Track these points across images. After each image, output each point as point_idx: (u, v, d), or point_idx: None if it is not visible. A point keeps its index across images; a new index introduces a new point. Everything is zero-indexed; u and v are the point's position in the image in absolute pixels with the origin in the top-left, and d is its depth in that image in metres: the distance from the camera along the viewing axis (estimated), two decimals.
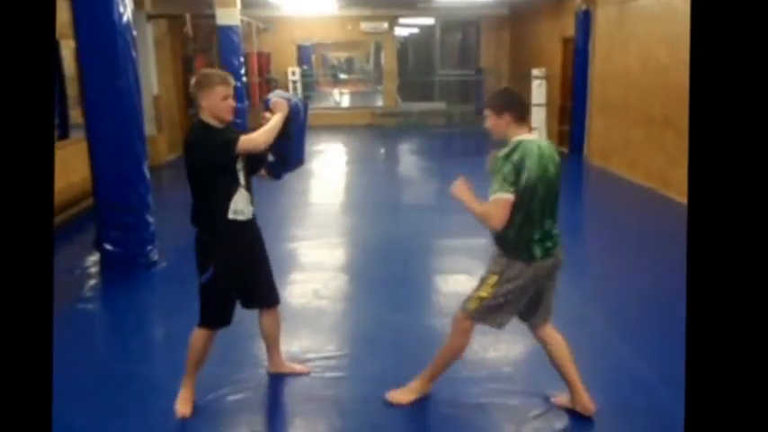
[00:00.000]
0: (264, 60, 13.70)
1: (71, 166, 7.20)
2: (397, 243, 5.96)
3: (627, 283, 4.77)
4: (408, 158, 12.16)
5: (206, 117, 2.85)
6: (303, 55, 16.74)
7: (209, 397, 3.15)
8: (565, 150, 10.73)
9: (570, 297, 4.39)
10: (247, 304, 3.16)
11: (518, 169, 2.62)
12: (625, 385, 3.26)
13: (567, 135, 10.79)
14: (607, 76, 9.42)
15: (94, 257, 5.12)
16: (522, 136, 2.73)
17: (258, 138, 2.82)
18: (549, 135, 11.36)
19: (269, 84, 13.25)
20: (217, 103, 2.81)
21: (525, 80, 11.88)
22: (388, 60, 15.83)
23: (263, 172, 3.09)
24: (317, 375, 3.40)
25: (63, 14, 6.53)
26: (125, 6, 4.62)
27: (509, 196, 2.62)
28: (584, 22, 9.91)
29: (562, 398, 3.04)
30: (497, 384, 3.31)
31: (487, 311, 2.83)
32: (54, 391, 3.30)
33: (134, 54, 4.74)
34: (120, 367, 3.54)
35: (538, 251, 2.74)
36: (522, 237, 2.72)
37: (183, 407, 3.00)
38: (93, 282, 4.90)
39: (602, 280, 4.91)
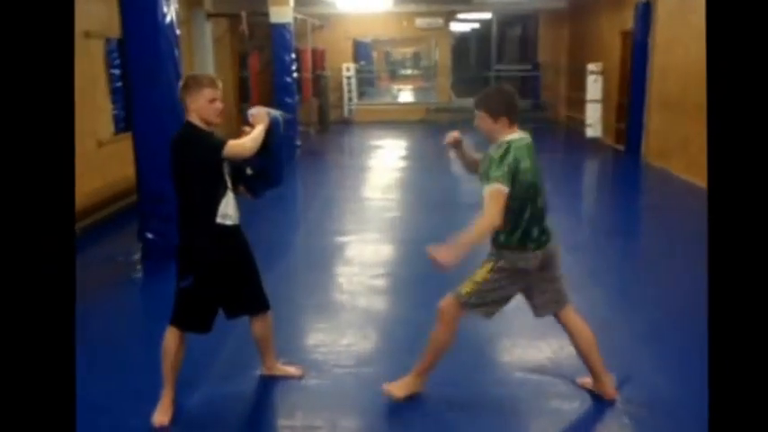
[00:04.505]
0: (319, 57, 13.87)
1: (129, 158, 7.53)
2: (443, 240, 5.89)
3: (671, 291, 4.59)
4: None
5: (194, 119, 2.83)
6: (362, 51, 16.83)
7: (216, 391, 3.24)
8: (621, 148, 10.42)
9: (612, 304, 4.29)
10: (231, 314, 3.05)
11: (513, 173, 2.65)
12: (647, 395, 3.15)
13: (623, 132, 10.46)
14: (667, 71, 9.06)
15: (138, 246, 5.34)
16: (511, 135, 2.74)
17: (245, 143, 2.81)
18: (605, 132, 11.06)
19: (318, 80, 13.41)
20: (204, 106, 2.79)
21: (583, 75, 11.60)
22: (443, 56, 15.74)
23: (241, 188, 3.01)
24: (327, 370, 3.44)
25: None
26: (168, 7, 4.80)
27: (504, 187, 2.62)
28: (644, 14, 9.58)
29: (586, 380, 3.13)
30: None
31: (481, 297, 2.84)
32: (79, 373, 3.49)
33: (176, 52, 4.92)
34: (144, 351, 3.69)
35: (533, 245, 2.78)
36: (527, 235, 2.76)
37: (161, 415, 2.95)
38: (132, 270, 5.13)
39: (648, 286, 4.74)
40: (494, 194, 2.62)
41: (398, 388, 3.07)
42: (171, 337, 2.97)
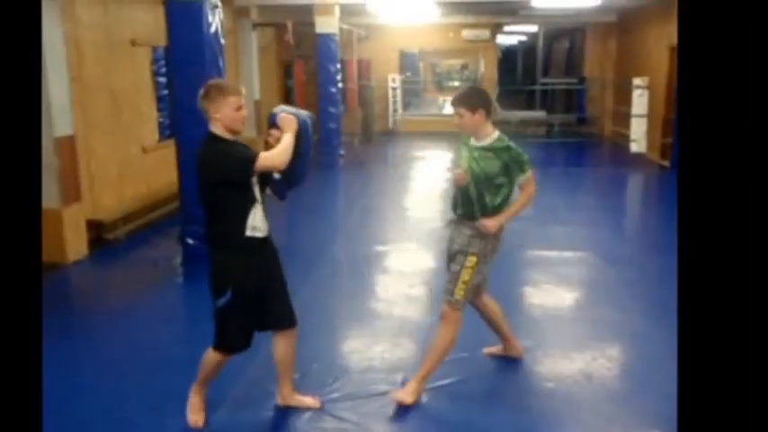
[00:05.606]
0: (364, 67, 13.99)
1: (173, 164, 7.69)
2: None
3: None
4: None
5: (218, 130, 2.72)
6: (408, 62, 16.88)
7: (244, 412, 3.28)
8: (666, 164, 10.18)
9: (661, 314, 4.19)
10: (261, 326, 2.97)
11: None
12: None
13: (669, 148, 10.21)
14: None
15: (179, 251, 5.47)
16: (494, 131, 3.08)
17: (278, 157, 2.71)
18: (651, 148, 10.83)
19: (363, 90, 13.52)
20: (230, 114, 2.69)
21: (629, 89, 11.39)
22: (489, 68, 15.68)
23: (267, 191, 2.94)
24: (359, 374, 3.47)
25: None
26: (213, 17, 4.93)
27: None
28: None
29: (493, 348, 3.58)
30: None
31: (470, 291, 3.12)
32: (119, 372, 3.56)
33: (221, 61, 5.04)
34: (179, 352, 3.77)
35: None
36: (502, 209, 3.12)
37: (195, 416, 2.99)
38: (174, 273, 5.25)
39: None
40: (532, 177, 3.10)
41: (408, 394, 3.13)
42: (214, 358, 2.93)
